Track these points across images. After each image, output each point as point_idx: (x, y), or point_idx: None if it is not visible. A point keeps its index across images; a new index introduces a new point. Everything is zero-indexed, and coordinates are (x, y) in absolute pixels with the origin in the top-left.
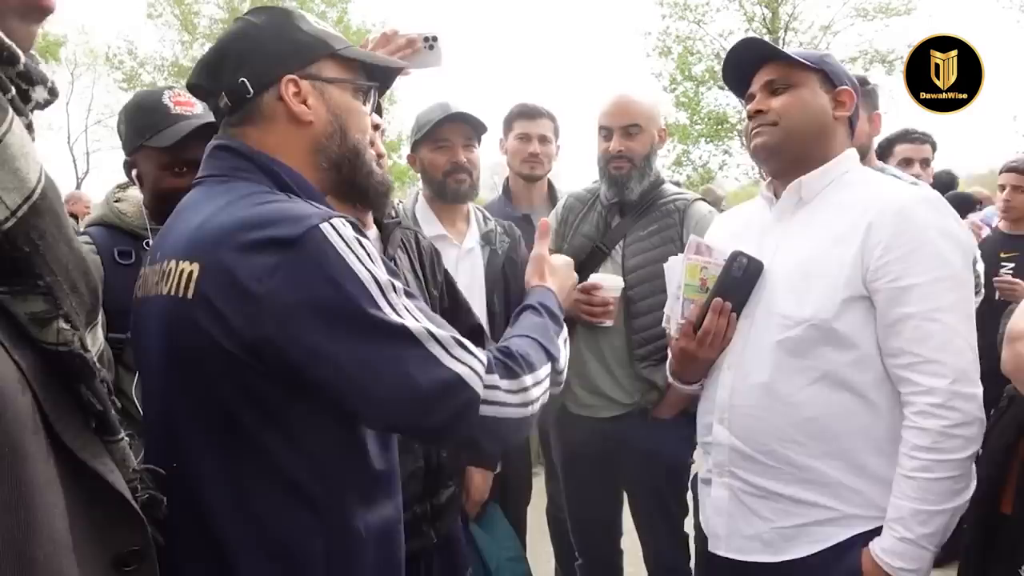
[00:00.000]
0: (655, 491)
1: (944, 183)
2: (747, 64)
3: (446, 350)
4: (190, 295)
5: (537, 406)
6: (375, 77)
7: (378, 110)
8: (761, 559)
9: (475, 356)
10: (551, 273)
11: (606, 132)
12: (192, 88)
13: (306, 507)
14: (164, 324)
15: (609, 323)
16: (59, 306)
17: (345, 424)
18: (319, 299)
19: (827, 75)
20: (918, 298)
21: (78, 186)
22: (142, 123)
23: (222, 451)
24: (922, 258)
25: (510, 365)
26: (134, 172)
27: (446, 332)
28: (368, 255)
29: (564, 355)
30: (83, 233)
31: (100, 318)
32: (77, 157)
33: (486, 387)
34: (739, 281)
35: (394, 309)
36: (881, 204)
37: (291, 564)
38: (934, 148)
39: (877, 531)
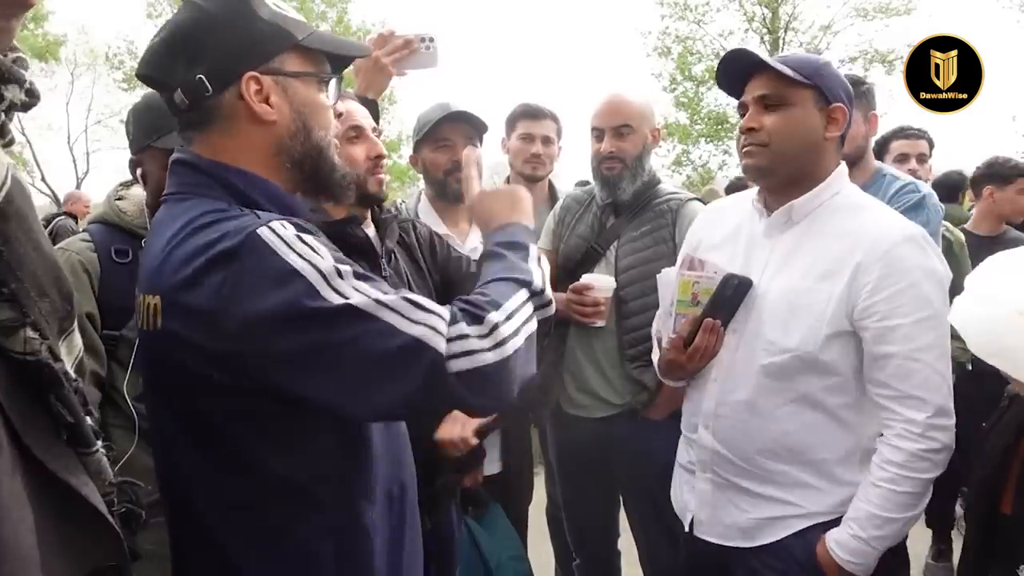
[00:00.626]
0: (647, 491)
1: (955, 183)
2: (742, 68)
3: (400, 314)
4: (158, 327)
5: (516, 342)
6: (337, 64)
7: (375, 115)
8: (738, 544)
9: (432, 312)
10: (486, 208)
11: (598, 133)
12: (142, 78)
13: (314, 509)
14: (143, 357)
15: (601, 323)
16: (26, 313)
17: (336, 422)
18: (268, 305)
19: (821, 91)
20: (902, 338)
21: (78, 186)
22: (151, 124)
23: (218, 468)
24: (907, 300)
25: (471, 310)
26: (139, 171)
27: (396, 296)
28: (311, 248)
29: (539, 274)
30: (84, 230)
31: (76, 325)
32: (77, 157)
33: (451, 340)
34: (729, 299)
35: (339, 293)
36: (869, 243)
37: (304, 567)
38: (931, 145)
39: (836, 522)
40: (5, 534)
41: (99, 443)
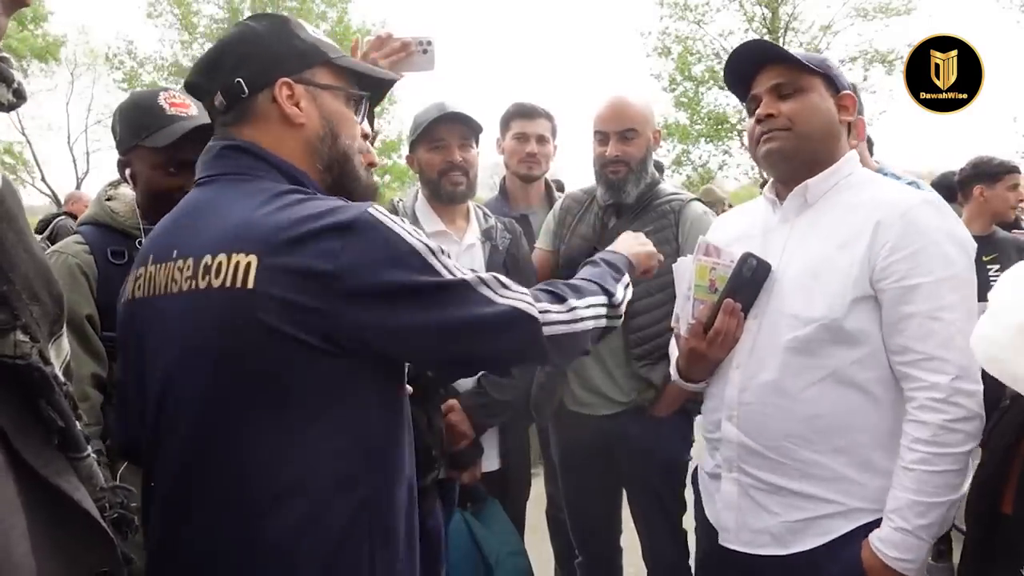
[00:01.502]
0: (652, 488)
1: (952, 184)
2: (748, 65)
3: (494, 291)
4: (249, 285)
5: (590, 324)
6: (366, 87)
7: (370, 119)
8: (770, 552)
9: (520, 291)
10: (626, 241)
11: (602, 136)
12: (190, 87)
13: (351, 489)
14: (206, 318)
15: None
16: (17, 316)
17: (390, 400)
18: (388, 274)
19: (830, 79)
20: (922, 297)
21: (78, 186)
22: (138, 123)
23: (274, 435)
24: (927, 258)
25: (555, 292)
26: (127, 171)
27: (493, 276)
28: (411, 229)
29: (622, 294)
30: (75, 232)
31: (65, 329)
32: (77, 157)
33: (541, 311)
34: (748, 282)
35: (447, 268)
36: (887, 206)
37: (338, 545)
38: None
39: (879, 522)
40: None
41: (90, 448)
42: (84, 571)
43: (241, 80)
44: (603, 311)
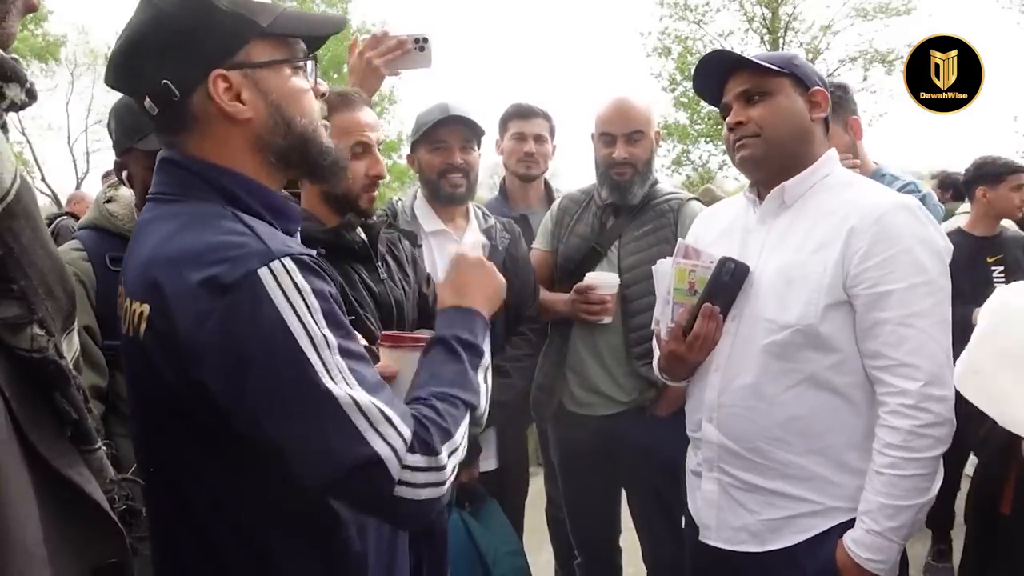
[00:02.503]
0: (652, 488)
1: (956, 183)
2: (716, 75)
3: (371, 424)
4: (141, 335)
5: (452, 478)
6: (311, 42)
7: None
8: (748, 549)
9: (399, 434)
10: (464, 281)
11: (608, 138)
12: (111, 87)
13: (297, 533)
14: (128, 362)
15: (608, 320)
16: (33, 311)
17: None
18: (249, 355)
19: (798, 78)
20: (894, 304)
21: (78, 186)
22: (132, 124)
23: (195, 484)
24: (899, 266)
25: (430, 442)
26: (124, 173)
27: (373, 403)
28: (306, 305)
29: (484, 393)
30: (74, 237)
31: (76, 324)
32: (77, 157)
33: (404, 467)
34: (727, 285)
35: (326, 369)
36: (861, 211)
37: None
38: None
39: (852, 521)
40: (13, 529)
41: (100, 441)
42: (93, 560)
43: (168, 83)
44: (466, 437)
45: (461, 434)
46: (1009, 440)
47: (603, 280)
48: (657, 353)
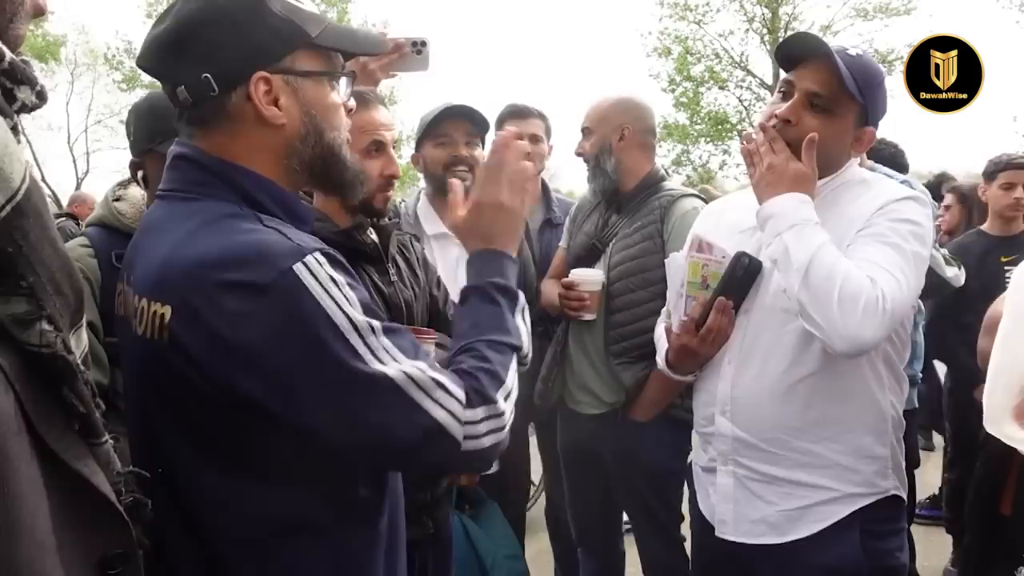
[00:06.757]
0: (637, 491)
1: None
2: (802, 52)
3: (426, 393)
4: (165, 339)
5: (511, 416)
6: (350, 58)
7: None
8: (767, 541)
9: (453, 397)
10: (487, 222)
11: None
12: (144, 69)
13: (307, 534)
14: (140, 363)
15: (589, 317)
16: (42, 307)
17: (328, 457)
18: (297, 351)
19: (866, 111)
20: (878, 230)
21: (78, 186)
22: (154, 127)
23: (209, 479)
24: (894, 215)
25: (483, 390)
26: (140, 173)
27: (423, 372)
28: (344, 296)
29: (525, 333)
30: (81, 234)
31: (84, 320)
32: (77, 157)
33: (465, 423)
34: (741, 280)
35: (374, 354)
36: (874, 203)
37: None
38: None
39: (875, 506)
40: (23, 520)
41: (107, 434)
42: (100, 552)
43: (209, 76)
44: (516, 376)
45: (512, 377)
46: (1006, 443)
47: (585, 277)
48: (664, 347)
